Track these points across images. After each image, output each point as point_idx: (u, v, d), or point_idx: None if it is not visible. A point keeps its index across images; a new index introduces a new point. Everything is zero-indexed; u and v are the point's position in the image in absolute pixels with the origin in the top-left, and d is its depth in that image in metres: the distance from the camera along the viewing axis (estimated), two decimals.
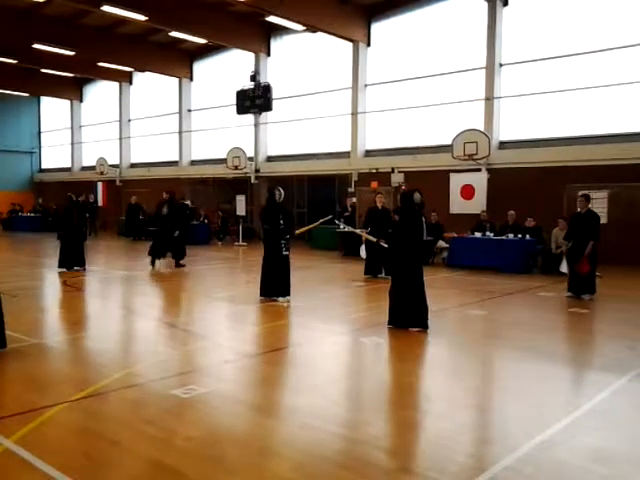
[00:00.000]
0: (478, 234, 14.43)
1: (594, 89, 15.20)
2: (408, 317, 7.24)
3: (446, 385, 5.42)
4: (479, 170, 16.75)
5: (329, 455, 3.79)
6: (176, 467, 3.58)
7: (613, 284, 11.27)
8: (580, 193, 10.75)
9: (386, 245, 8.63)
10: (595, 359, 6.48)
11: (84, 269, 13.06)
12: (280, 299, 9.25)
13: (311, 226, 11.47)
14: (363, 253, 12.67)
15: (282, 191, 9.53)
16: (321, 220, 12.39)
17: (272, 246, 9.31)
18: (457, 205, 16.77)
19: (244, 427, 4.32)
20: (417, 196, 7.38)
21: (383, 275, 12.06)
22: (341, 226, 14.40)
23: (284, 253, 9.30)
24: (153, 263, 13.78)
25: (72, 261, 13.07)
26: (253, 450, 3.86)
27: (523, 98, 16.56)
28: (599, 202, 13.91)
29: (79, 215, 13.50)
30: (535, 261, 13.77)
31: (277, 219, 9.24)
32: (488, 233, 14.39)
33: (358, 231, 12.65)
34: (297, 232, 10.26)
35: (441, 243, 15.47)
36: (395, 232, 7.52)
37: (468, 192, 16.73)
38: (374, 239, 10.35)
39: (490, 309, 9.16)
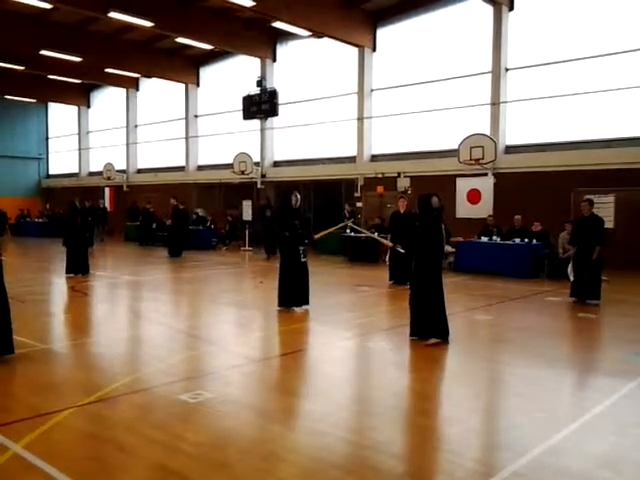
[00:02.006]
0: (485, 238, 14.39)
1: (601, 93, 15.15)
2: (428, 328, 6.93)
3: (453, 390, 5.41)
4: (485, 175, 16.72)
5: (336, 460, 3.80)
6: (183, 472, 3.60)
7: (620, 289, 11.21)
8: (584, 198, 10.73)
9: (402, 250, 8.33)
10: (603, 364, 6.45)
11: (88, 275, 13.12)
12: (297, 309, 8.89)
13: (330, 230, 11.18)
14: (387, 259, 12.52)
15: (299, 196, 9.17)
16: (340, 225, 12.25)
17: (289, 253, 8.92)
18: (463, 209, 16.74)
19: (251, 432, 4.32)
20: (435, 200, 6.97)
21: (392, 282, 12.02)
22: (359, 230, 14.27)
23: (302, 260, 8.92)
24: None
25: (79, 267, 13.14)
26: (260, 455, 3.87)
27: (529, 102, 16.53)
28: (606, 207, 13.89)
29: (83, 221, 13.58)
30: (542, 266, 13.72)
31: (294, 224, 8.88)
32: (495, 237, 14.35)
33: (372, 235, 12.45)
34: (317, 237, 9.91)
35: (447, 248, 15.41)
36: (413, 239, 7.15)
37: (474, 196, 16.70)
38: (390, 244, 10.10)
39: (496, 314, 9.13)
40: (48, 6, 18.39)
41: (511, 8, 16.85)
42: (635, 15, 14.70)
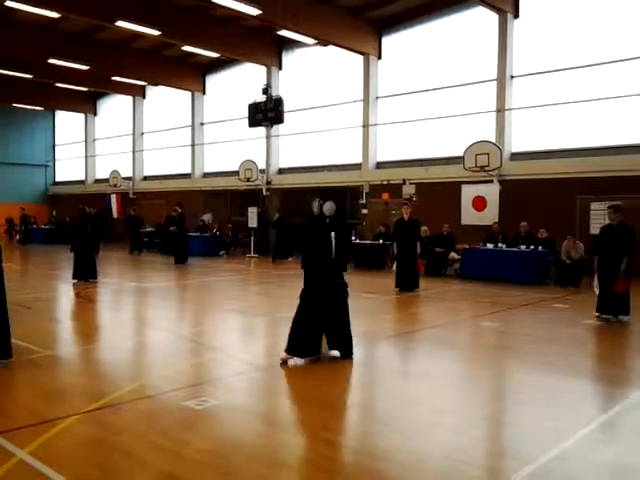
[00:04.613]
0: (490, 245, 14.36)
1: (606, 100, 15.14)
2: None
3: (459, 398, 5.38)
4: (491, 181, 16.70)
5: (341, 468, 3.78)
6: (188, 479, 3.58)
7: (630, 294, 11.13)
8: (608, 205, 10.05)
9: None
10: (610, 372, 6.39)
11: (95, 281, 13.16)
12: None
13: None
14: (394, 266, 12.36)
15: (319, 202, 8.94)
16: None
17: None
18: (469, 216, 16.71)
19: (256, 439, 4.31)
20: (328, 206, 6.42)
21: (398, 289, 11.98)
22: None
23: None
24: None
25: (86, 273, 13.17)
26: (265, 463, 3.85)
27: (534, 110, 16.53)
28: None
29: (92, 227, 13.63)
30: (548, 272, 13.69)
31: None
32: (500, 244, 14.33)
33: None
34: None
35: (453, 254, 15.43)
36: (303, 248, 6.61)
37: (480, 203, 16.67)
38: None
39: (503, 321, 9.09)
40: (56, 15, 18.56)
41: (516, 16, 16.88)
42: None
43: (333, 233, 6.37)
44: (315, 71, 21.99)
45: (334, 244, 6.35)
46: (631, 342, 7.76)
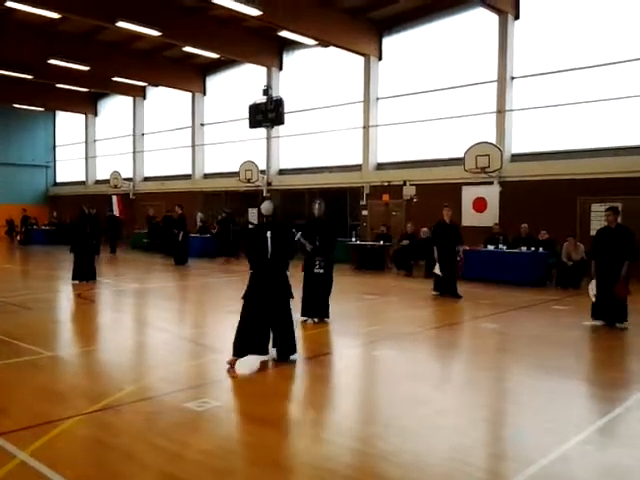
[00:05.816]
0: (491, 247, 14.35)
1: (606, 101, 15.14)
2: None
3: (459, 400, 5.38)
4: (491, 183, 16.71)
5: (340, 469, 3.78)
6: None
7: (630, 299, 11.12)
8: (606, 206, 9.90)
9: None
10: (609, 375, 6.38)
11: (94, 282, 13.14)
12: (309, 321, 8.63)
13: None
14: (437, 270, 11.81)
15: (321, 204, 8.83)
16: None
17: (306, 264, 8.71)
18: (469, 218, 16.71)
19: (257, 441, 4.31)
20: (264, 206, 6.41)
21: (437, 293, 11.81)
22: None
23: (316, 271, 8.58)
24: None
25: (86, 274, 13.17)
26: (265, 464, 3.86)
27: (535, 111, 16.53)
28: None
29: (91, 228, 13.63)
30: (549, 274, 13.68)
31: (314, 235, 8.61)
32: (501, 246, 14.31)
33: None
34: None
35: None
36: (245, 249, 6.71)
37: (480, 205, 16.68)
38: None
39: (503, 323, 9.09)
40: (56, 16, 18.57)
41: (517, 17, 16.88)
42: None
43: (269, 233, 6.28)
44: (316, 72, 21.99)
45: (270, 244, 6.26)
46: (630, 345, 7.75)
